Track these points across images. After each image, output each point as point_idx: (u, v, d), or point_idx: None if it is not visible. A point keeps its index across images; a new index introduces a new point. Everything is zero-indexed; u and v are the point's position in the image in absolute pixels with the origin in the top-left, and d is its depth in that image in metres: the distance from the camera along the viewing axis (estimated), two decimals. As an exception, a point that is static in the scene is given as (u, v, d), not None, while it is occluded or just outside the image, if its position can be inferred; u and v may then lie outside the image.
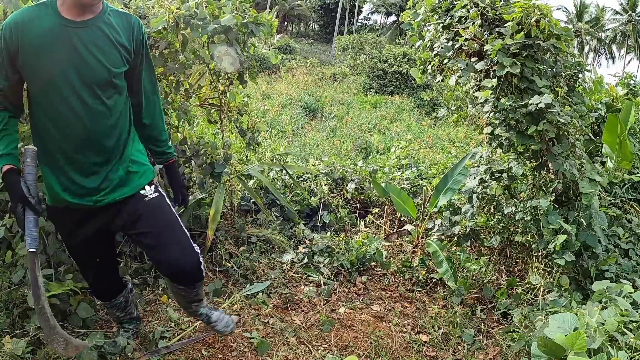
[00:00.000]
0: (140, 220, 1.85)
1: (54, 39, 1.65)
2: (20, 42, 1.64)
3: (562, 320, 2.16)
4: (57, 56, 1.66)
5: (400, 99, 17.38)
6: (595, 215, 3.05)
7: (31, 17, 1.65)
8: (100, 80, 1.71)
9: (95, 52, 1.69)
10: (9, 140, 1.74)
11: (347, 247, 3.55)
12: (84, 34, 1.67)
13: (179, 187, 2.14)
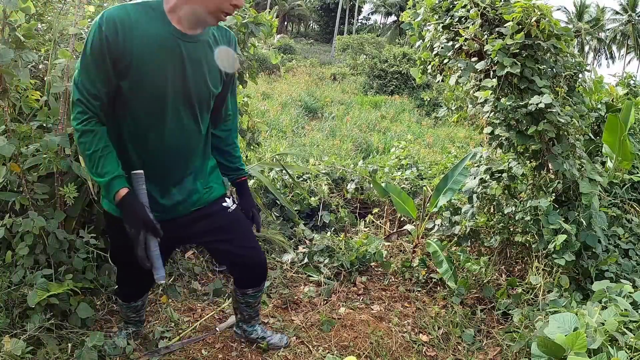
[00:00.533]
0: (221, 230, 1.91)
1: (164, 48, 1.52)
2: (127, 43, 1.48)
3: (562, 320, 2.16)
4: (165, 68, 1.54)
5: (400, 99, 17.39)
6: (595, 215, 3.05)
7: (138, 17, 1.50)
8: (201, 100, 1.66)
9: (203, 70, 1.61)
10: (115, 159, 1.59)
11: (347, 247, 3.55)
12: (192, 48, 1.57)
13: (250, 206, 2.05)
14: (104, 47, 1.48)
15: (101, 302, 2.66)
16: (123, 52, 1.49)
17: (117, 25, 1.47)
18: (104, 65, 1.50)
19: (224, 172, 2.02)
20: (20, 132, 2.47)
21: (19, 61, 2.25)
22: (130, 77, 1.53)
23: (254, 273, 2.09)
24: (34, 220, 2.34)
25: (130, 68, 1.51)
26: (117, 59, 1.50)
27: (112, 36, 1.47)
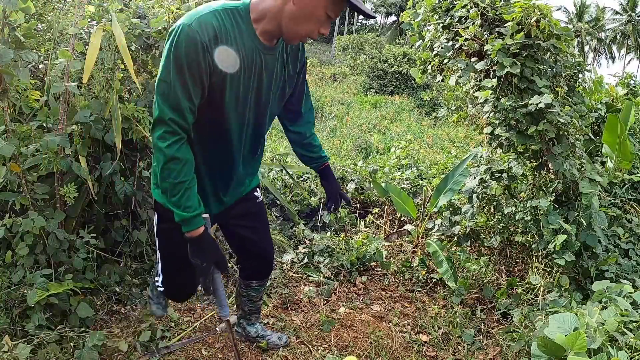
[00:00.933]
0: (248, 216, 1.98)
1: (251, 61, 1.49)
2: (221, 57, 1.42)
3: (562, 320, 2.16)
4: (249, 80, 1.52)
5: (400, 99, 17.39)
6: (595, 215, 3.05)
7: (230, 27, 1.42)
8: (273, 106, 1.68)
9: (277, 83, 1.62)
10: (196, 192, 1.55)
11: (347, 247, 3.55)
12: (269, 59, 1.54)
13: (335, 190, 2.06)
14: (202, 55, 1.39)
15: (101, 302, 2.66)
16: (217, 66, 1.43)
17: (217, 34, 1.40)
18: (201, 76, 1.41)
19: (307, 163, 2.05)
20: (20, 132, 2.47)
21: (19, 61, 2.25)
22: (220, 89, 1.48)
23: (262, 266, 2.17)
24: (34, 220, 2.34)
25: (224, 81, 1.47)
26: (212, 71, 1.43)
27: (212, 45, 1.39)
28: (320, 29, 1.47)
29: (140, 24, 2.78)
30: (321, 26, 1.46)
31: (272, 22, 1.47)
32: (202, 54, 1.39)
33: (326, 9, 1.41)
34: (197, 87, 1.43)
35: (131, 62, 2.45)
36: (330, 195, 2.07)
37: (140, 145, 2.92)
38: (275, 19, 1.46)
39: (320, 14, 1.42)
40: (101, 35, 2.45)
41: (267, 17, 1.47)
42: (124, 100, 2.76)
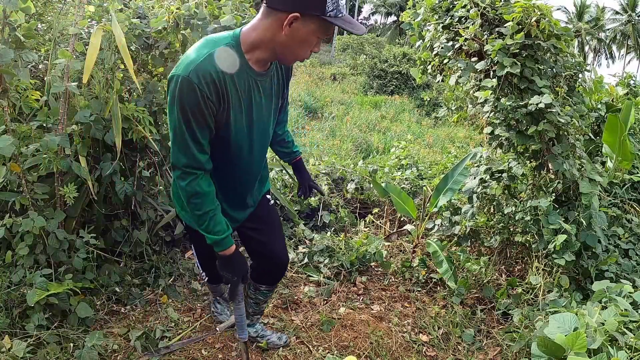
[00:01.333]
0: (260, 219, 2.06)
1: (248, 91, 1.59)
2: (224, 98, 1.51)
3: (562, 320, 2.16)
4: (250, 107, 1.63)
5: (400, 99, 17.39)
6: (595, 215, 3.04)
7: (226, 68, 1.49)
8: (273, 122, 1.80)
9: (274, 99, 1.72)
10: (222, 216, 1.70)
11: (347, 247, 3.55)
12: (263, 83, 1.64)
13: (306, 180, 2.27)
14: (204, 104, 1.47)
15: (101, 302, 2.66)
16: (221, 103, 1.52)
17: (215, 82, 1.47)
18: (206, 121, 1.51)
19: (282, 157, 2.23)
20: (20, 132, 2.47)
21: (19, 61, 2.25)
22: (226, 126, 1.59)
23: (272, 269, 2.17)
24: (34, 220, 2.34)
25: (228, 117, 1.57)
26: (217, 112, 1.53)
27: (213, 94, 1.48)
28: (313, 50, 1.55)
29: (140, 24, 2.78)
30: (313, 48, 1.54)
31: (266, 51, 1.54)
32: (203, 103, 1.47)
33: (316, 33, 1.48)
34: (204, 132, 1.54)
35: (131, 62, 2.45)
36: (301, 184, 2.27)
37: (140, 145, 2.92)
38: (268, 49, 1.53)
39: (311, 39, 1.49)
40: (101, 35, 2.45)
41: (260, 47, 1.53)
42: (124, 100, 2.76)
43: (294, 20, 1.42)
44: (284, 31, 1.45)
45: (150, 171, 3.10)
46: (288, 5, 1.40)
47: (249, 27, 1.53)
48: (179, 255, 3.23)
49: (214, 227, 1.66)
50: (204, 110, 1.48)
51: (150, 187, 3.20)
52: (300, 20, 1.42)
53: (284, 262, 2.16)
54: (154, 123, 2.85)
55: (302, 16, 1.41)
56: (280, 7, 1.42)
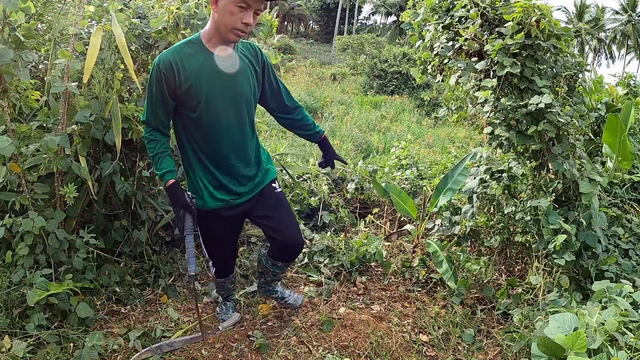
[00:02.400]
0: (269, 207, 2.31)
1: (209, 69, 2.00)
2: (181, 76, 1.97)
3: (562, 320, 2.16)
4: (213, 83, 2.01)
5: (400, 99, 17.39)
6: (595, 215, 3.04)
7: (184, 55, 1.98)
8: (241, 99, 2.11)
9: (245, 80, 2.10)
10: (170, 159, 2.14)
11: (347, 247, 3.55)
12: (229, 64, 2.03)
13: (331, 154, 2.53)
14: (163, 86, 1.98)
15: (101, 302, 2.66)
16: (176, 84, 1.98)
17: (172, 65, 1.96)
18: (165, 100, 2.02)
19: (308, 139, 2.52)
20: (20, 132, 2.47)
21: (19, 61, 2.25)
22: (186, 98, 2.01)
23: (286, 250, 2.36)
24: (34, 220, 2.34)
25: (184, 92, 2.00)
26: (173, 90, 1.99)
27: (170, 75, 1.97)
28: (242, 20, 1.90)
29: (140, 24, 2.78)
30: (241, 18, 1.90)
31: (215, 34, 1.98)
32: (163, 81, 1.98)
33: (234, 3, 1.86)
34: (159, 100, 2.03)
35: (131, 62, 2.45)
36: (326, 158, 2.53)
37: (140, 145, 2.92)
38: (215, 31, 1.97)
39: (231, 8, 1.87)
40: (101, 35, 2.45)
41: (210, 33, 1.99)
42: (124, 100, 2.76)
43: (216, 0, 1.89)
44: (215, 10, 1.91)
45: (150, 171, 3.10)
46: None
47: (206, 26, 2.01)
48: (179, 255, 3.24)
49: (160, 165, 2.11)
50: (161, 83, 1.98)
51: (150, 187, 3.20)
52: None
53: (297, 244, 2.34)
54: (154, 123, 2.85)
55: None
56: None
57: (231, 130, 2.13)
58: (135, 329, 2.48)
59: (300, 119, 2.43)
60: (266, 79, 2.25)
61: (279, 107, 2.37)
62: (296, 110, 2.41)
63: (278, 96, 2.33)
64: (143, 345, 2.38)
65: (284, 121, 2.44)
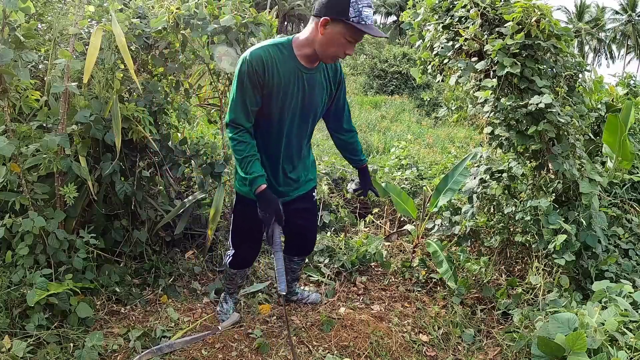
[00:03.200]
0: (304, 211, 2.50)
1: (293, 78, 2.04)
2: (268, 75, 1.99)
3: (562, 320, 2.16)
4: (293, 92, 2.07)
5: (400, 99, 17.38)
6: (595, 215, 3.04)
7: (276, 57, 2.00)
8: (311, 111, 2.18)
9: (319, 94, 2.15)
10: (259, 163, 2.12)
11: (347, 247, 3.55)
12: (309, 77, 2.09)
13: (367, 184, 2.66)
14: (254, 78, 1.98)
15: (101, 302, 2.66)
16: (264, 81, 2.00)
17: (264, 63, 1.97)
18: (256, 90, 2.01)
19: (350, 162, 2.66)
20: (20, 132, 2.47)
21: (19, 61, 2.25)
22: (272, 99, 2.05)
23: (306, 244, 2.67)
24: (34, 220, 2.34)
25: (272, 93, 2.03)
26: (261, 87, 2.01)
27: (261, 71, 1.98)
28: (345, 51, 1.97)
29: (140, 24, 2.78)
30: (345, 49, 1.96)
31: (309, 48, 2.01)
32: (254, 75, 1.97)
33: (344, 35, 1.90)
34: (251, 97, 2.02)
35: (131, 62, 2.45)
36: (362, 186, 2.66)
37: (140, 145, 2.92)
38: (310, 46, 2.00)
39: (340, 39, 1.91)
40: (101, 35, 2.45)
41: (306, 46, 2.02)
42: (124, 100, 2.76)
43: (326, 23, 1.89)
44: (320, 32, 1.91)
45: (150, 171, 3.10)
46: (322, 12, 1.89)
47: (301, 33, 2.04)
48: (179, 255, 3.24)
49: (252, 168, 2.08)
50: (253, 78, 1.97)
51: (150, 187, 3.20)
52: (330, 24, 1.88)
53: (314, 240, 2.70)
54: (154, 123, 2.85)
55: (332, 20, 1.88)
56: (319, 14, 1.91)
57: (291, 137, 2.20)
58: (135, 329, 2.48)
59: (352, 142, 2.55)
60: (336, 97, 2.32)
61: (336, 126, 2.47)
62: (350, 133, 2.52)
63: (340, 116, 2.42)
64: (143, 345, 2.38)
65: (337, 140, 2.55)
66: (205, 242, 3.29)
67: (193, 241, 3.43)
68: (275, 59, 1.99)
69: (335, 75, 2.21)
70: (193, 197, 3.27)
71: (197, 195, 3.28)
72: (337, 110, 2.38)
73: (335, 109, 2.36)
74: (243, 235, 2.48)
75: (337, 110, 2.38)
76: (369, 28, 1.86)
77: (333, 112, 2.37)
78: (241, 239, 2.49)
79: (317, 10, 1.91)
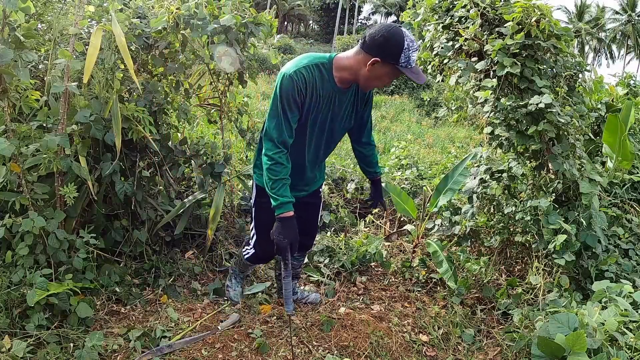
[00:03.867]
0: (312, 205, 2.60)
1: (328, 97, 2.14)
2: (308, 93, 2.07)
3: (562, 320, 2.16)
4: (327, 110, 2.17)
5: (400, 99, 17.38)
6: (595, 215, 3.04)
7: (317, 77, 2.08)
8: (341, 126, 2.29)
9: (348, 113, 2.26)
10: (288, 188, 2.15)
11: (347, 247, 3.55)
12: (343, 98, 2.19)
13: (379, 196, 2.74)
14: (297, 96, 2.05)
15: (101, 302, 2.66)
16: (305, 99, 2.08)
17: (307, 83, 2.05)
18: (299, 107, 2.09)
19: (365, 173, 2.74)
20: (20, 132, 2.47)
21: (19, 61, 2.25)
22: (308, 114, 2.13)
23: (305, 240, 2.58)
24: (34, 220, 2.34)
25: (309, 110, 2.12)
26: (302, 103, 2.09)
27: (304, 90, 2.06)
28: (384, 84, 2.14)
29: (140, 24, 2.78)
30: (385, 84, 2.12)
31: (350, 75, 2.09)
32: (297, 92, 2.04)
33: (389, 75, 2.04)
34: (294, 115, 2.09)
35: (131, 62, 2.45)
36: (373, 198, 2.74)
37: (140, 145, 2.92)
38: (352, 75, 2.08)
39: (384, 78, 2.05)
40: (101, 35, 2.45)
41: (346, 71, 2.08)
42: (124, 100, 2.76)
43: (375, 63, 1.97)
44: (367, 68, 2.00)
45: (150, 171, 3.10)
46: (374, 51, 1.97)
47: (343, 55, 2.10)
48: (179, 255, 3.24)
49: (283, 192, 2.12)
50: (296, 97, 2.04)
51: (150, 187, 3.20)
52: (379, 64, 1.97)
53: (314, 235, 2.74)
54: (154, 123, 2.85)
55: (382, 61, 1.97)
56: (369, 51, 1.98)
57: (318, 150, 2.32)
58: (135, 329, 2.48)
59: (369, 155, 2.63)
60: (363, 113, 2.41)
61: (357, 138, 2.55)
62: (369, 147, 2.60)
63: (362, 130, 2.51)
64: (143, 345, 2.38)
65: (356, 151, 2.63)
66: (205, 242, 3.28)
67: (193, 241, 3.43)
68: (316, 79, 2.07)
69: (364, 94, 2.29)
70: (193, 197, 3.27)
71: (197, 195, 3.28)
72: (361, 125, 2.46)
73: (359, 124, 2.44)
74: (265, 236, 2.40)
75: (362, 124, 2.46)
76: (414, 73, 1.99)
77: (357, 125, 2.44)
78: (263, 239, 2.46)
79: (368, 47, 1.98)
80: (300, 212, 2.39)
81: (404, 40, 1.93)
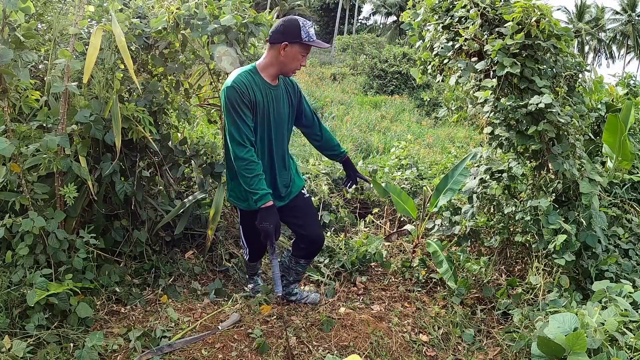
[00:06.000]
0: (296, 209, 2.70)
1: (265, 95, 2.41)
2: (252, 94, 2.35)
3: (562, 320, 2.16)
4: (268, 107, 2.43)
5: (400, 99, 17.39)
6: (595, 215, 3.04)
7: (250, 80, 2.37)
8: (284, 120, 2.54)
9: (285, 107, 2.53)
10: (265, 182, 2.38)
11: (347, 247, 3.55)
12: (275, 92, 2.46)
13: (354, 173, 2.94)
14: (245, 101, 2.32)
15: (101, 302, 2.66)
16: (252, 102, 2.35)
17: (247, 87, 2.34)
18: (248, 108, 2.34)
19: (332, 158, 2.97)
20: (20, 132, 2.47)
21: (19, 61, 2.25)
22: (256, 116, 2.40)
23: (308, 246, 2.72)
24: (34, 220, 2.34)
25: (257, 111, 2.39)
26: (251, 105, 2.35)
27: (247, 95, 2.33)
28: (301, 63, 2.42)
29: (140, 24, 2.78)
30: (301, 62, 2.41)
31: (273, 68, 2.42)
32: (241, 97, 2.31)
33: (300, 52, 2.37)
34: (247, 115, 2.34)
35: (131, 62, 2.45)
36: (349, 178, 2.94)
37: (140, 145, 2.92)
38: (273, 66, 2.41)
39: (297, 56, 2.38)
40: (101, 35, 2.45)
41: (269, 67, 2.42)
42: (124, 100, 2.76)
43: (285, 47, 2.34)
44: (282, 54, 2.36)
45: (150, 171, 3.10)
46: (280, 39, 2.34)
47: (261, 60, 2.44)
48: (179, 255, 3.24)
49: (261, 186, 2.34)
50: (244, 99, 2.31)
51: (150, 187, 3.21)
52: (289, 46, 2.34)
53: (318, 241, 2.72)
54: (154, 123, 2.85)
55: (290, 43, 2.34)
56: (277, 41, 2.35)
57: (277, 143, 2.53)
58: (135, 329, 2.48)
59: (328, 139, 2.85)
60: (301, 106, 2.68)
61: (309, 131, 2.79)
62: (323, 133, 2.82)
63: (311, 123, 2.76)
64: (143, 345, 2.38)
65: (314, 143, 2.86)
66: (205, 242, 3.29)
67: (193, 241, 3.43)
68: (251, 83, 2.37)
69: (293, 89, 2.61)
70: (193, 197, 3.27)
71: (197, 195, 3.28)
72: (307, 119, 2.73)
73: (305, 118, 2.72)
74: (251, 239, 2.79)
75: (307, 118, 2.73)
76: (317, 43, 2.37)
77: (304, 120, 2.72)
78: (251, 242, 2.81)
79: (274, 39, 2.35)
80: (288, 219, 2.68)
81: (298, 22, 2.33)
